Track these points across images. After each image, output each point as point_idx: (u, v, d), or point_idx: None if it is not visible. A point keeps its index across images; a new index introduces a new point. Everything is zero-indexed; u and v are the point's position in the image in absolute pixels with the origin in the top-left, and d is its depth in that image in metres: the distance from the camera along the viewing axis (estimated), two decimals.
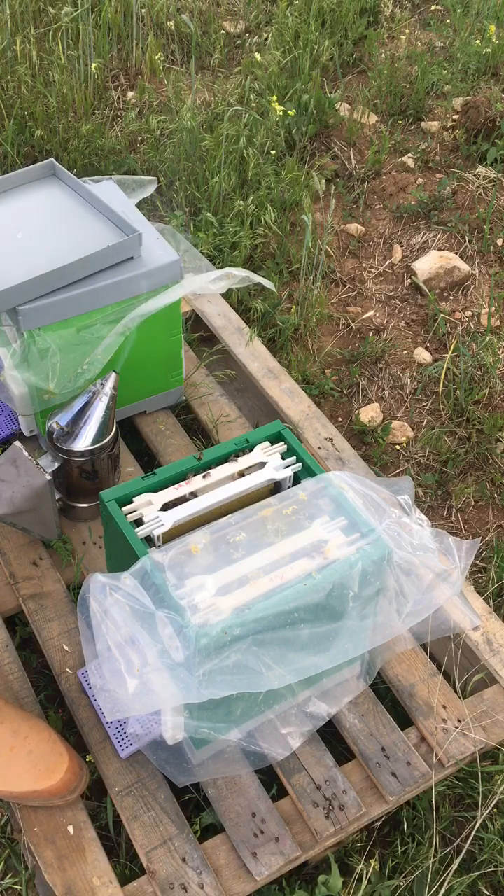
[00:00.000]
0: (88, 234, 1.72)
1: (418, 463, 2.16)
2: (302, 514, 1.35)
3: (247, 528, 1.32)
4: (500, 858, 1.47)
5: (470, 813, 1.52)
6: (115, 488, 1.39)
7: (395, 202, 2.91)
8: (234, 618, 1.19)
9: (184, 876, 1.32)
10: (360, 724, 1.49)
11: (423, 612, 1.34)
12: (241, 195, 2.73)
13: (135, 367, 1.82)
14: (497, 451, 2.17)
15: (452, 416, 2.26)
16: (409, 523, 1.36)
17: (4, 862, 1.44)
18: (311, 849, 1.37)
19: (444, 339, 2.47)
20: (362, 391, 2.33)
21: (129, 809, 1.38)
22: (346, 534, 1.31)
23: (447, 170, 3.01)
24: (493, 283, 2.64)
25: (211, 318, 2.21)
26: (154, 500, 1.37)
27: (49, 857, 1.33)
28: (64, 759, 1.38)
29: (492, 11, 3.68)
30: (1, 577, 1.67)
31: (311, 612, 1.26)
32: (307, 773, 1.43)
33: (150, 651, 1.24)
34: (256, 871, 1.33)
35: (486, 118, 3.05)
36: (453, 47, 3.53)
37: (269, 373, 2.08)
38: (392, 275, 2.69)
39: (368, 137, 3.13)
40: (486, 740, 1.49)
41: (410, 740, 1.48)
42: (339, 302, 2.59)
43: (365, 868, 1.41)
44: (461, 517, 2.05)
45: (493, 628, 1.63)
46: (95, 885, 1.31)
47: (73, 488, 1.70)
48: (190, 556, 1.28)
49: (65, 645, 1.57)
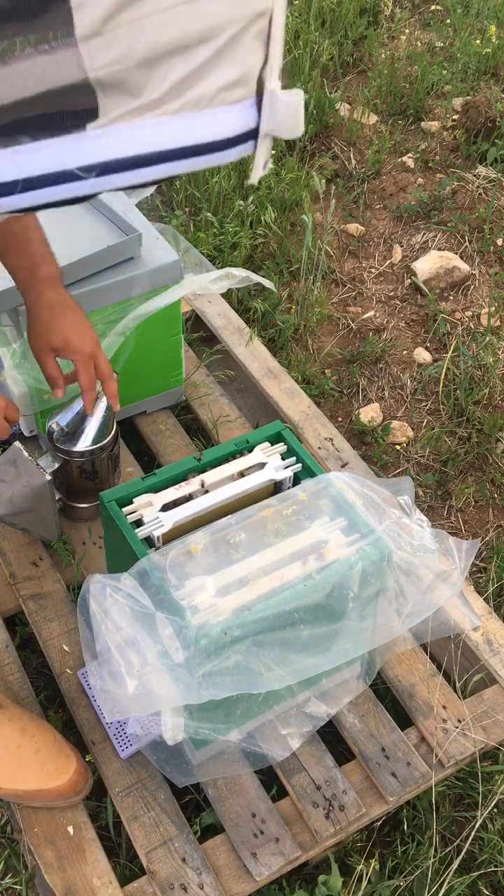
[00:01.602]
0: (88, 234, 1.72)
1: (418, 463, 2.16)
2: (302, 515, 1.35)
3: (247, 528, 1.32)
4: (500, 858, 1.47)
5: (470, 813, 1.52)
6: (115, 489, 1.39)
7: (395, 202, 2.91)
8: (233, 618, 1.19)
9: (184, 876, 1.32)
10: (360, 725, 1.49)
11: (423, 612, 1.34)
12: (240, 195, 2.72)
13: (135, 367, 1.81)
14: (497, 451, 2.17)
15: (452, 416, 2.26)
16: (408, 524, 1.36)
17: (4, 862, 1.44)
18: (311, 849, 1.37)
19: (444, 339, 2.47)
20: (362, 391, 2.33)
21: (129, 810, 1.38)
22: (346, 534, 1.31)
23: (447, 170, 3.01)
24: (493, 283, 2.63)
25: (211, 318, 2.21)
26: (154, 501, 1.37)
27: (49, 857, 1.33)
28: (72, 760, 1.38)
29: (492, 11, 3.68)
30: (1, 577, 1.67)
31: (311, 612, 1.26)
32: (307, 774, 1.43)
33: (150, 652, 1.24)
34: (256, 871, 1.33)
35: (486, 118, 3.05)
36: (453, 47, 3.53)
37: (269, 373, 2.08)
38: (392, 275, 2.69)
39: (368, 137, 3.13)
40: (486, 740, 1.49)
41: (410, 740, 1.48)
42: (339, 302, 2.59)
43: (365, 868, 1.41)
44: (461, 517, 2.05)
45: (493, 628, 1.63)
46: (95, 886, 1.31)
47: (73, 488, 1.70)
48: (190, 557, 1.28)
49: (65, 645, 1.57)
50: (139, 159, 0.59)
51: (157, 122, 0.57)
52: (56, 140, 0.57)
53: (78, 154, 0.57)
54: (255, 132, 0.61)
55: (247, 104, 0.60)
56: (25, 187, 0.59)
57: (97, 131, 0.57)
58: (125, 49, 0.54)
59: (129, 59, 0.54)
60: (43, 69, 0.54)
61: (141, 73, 0.55)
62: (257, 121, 0.60)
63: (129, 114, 0.57)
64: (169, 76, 0.56)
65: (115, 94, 0.56)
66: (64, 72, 0.54)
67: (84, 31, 0.52)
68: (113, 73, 0.55)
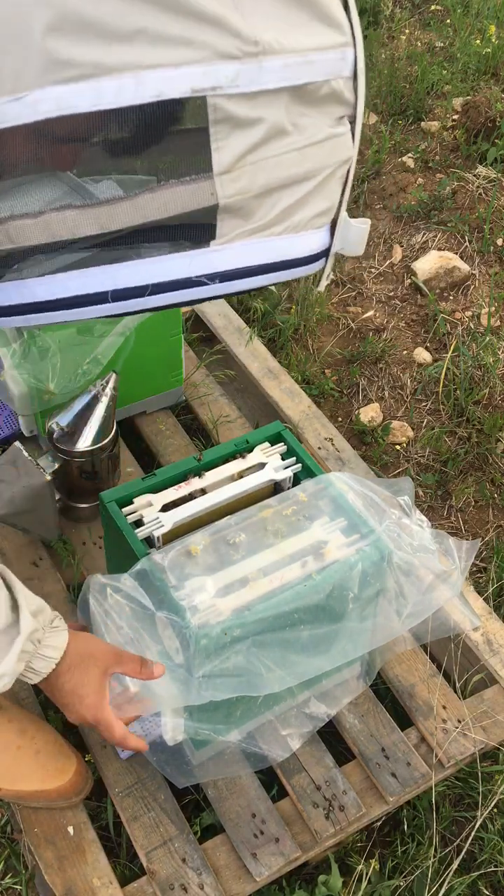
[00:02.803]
0: None
1: (418, 463, 2.16)
2: (302, 515, 1.35)
3: (246, 529, 1.32)
4: (500, 858, 1.47)
5: (470, 813, 1.52)
6: (115, 489, 1.39)
7: (395, 202, 2.91)
8: (233, 619, 1.19)
9: (184, 876, 1.32)
10: (360, 725, 1.49)
11: (423, 612, 1.34)
12: None
13: (135, 367, 1.81)
14: (497, 451, 2.17)
15: (452, 416, 2.26)
16: (409, 524, 1.36)
17: (4, 862, 1.44)
18: (311, 849, 1.37)
19: (444, 339, 2.47)
20: (362, 391, 2.33)
21: (129, 810, 1.38)
22: (346, 535, 1.31)
23: (447, 170, 3.01)
24: (493, 283, 2.63)
25: (211, 318, 2.21)
26: (154, 501, 1.37)
27: (49, 857, 1.33)
28: (72, 760, 1.38)
29: (492, 11, 3.68)
30: None
31: (311, 613, 1.26)
32: (307, 774, 1.43)
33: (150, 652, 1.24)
34: (256, 871, 1.33)
35: (486, 118, 3.05)
36: (453, 47, 3.53)
37: (269, 373, 2.08)
38: (392, 275, 2.69)
39: (368, 137, 3.13)
40: (486, 740, 1.49)
41: (410, 741, 1.48)
42: (339, 302, 2.59)
43: (365, 868, 1.41)
44: (461, 517, 2.05)
45: (493, 628, 1.63)
46: (95, 886, 1.31)
47: (73, 488, 1.70)
48: (190, 557, 1.28)
49: None
50: (250, 270, 0.74)
51: (265, 241, 0.73)
52: (181, 254, 0.72)
53: (202, 265, 0.73)
54: (327, 251, 0.78)
55: (325, 229, 0.77)
56: (154, 291, 0.73)
57: (218, 247, 0.72)
58: (248, 183, 0.69)
59: (250, 191, 0.70)
60: (183, 196, 0.69)
61: (256, 202, 0.71)
62: (329, 242, 0.78)
63: (243, 234, 0.72)
64: (278, 205, 0.72)
65: (230, 219, 0.71)
66: (201, 198, 0.69)
67: (219, 169, 0.68)
68: (237, 201, 0.70)
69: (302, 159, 0.71)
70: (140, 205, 0.69)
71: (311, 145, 0.71)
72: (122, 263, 0.72)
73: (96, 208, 0.69)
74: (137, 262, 0.72)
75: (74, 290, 0.73)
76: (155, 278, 0.72)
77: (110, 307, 0.74)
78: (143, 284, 0.73)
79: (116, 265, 0.72)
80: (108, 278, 0.72)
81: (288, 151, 0.70)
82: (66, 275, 0.72)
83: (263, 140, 0.68)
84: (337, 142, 0.73)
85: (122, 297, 0.73)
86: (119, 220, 0.69)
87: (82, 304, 0.74)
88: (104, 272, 0.72)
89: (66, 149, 0.68)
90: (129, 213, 0.69)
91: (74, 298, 0.73)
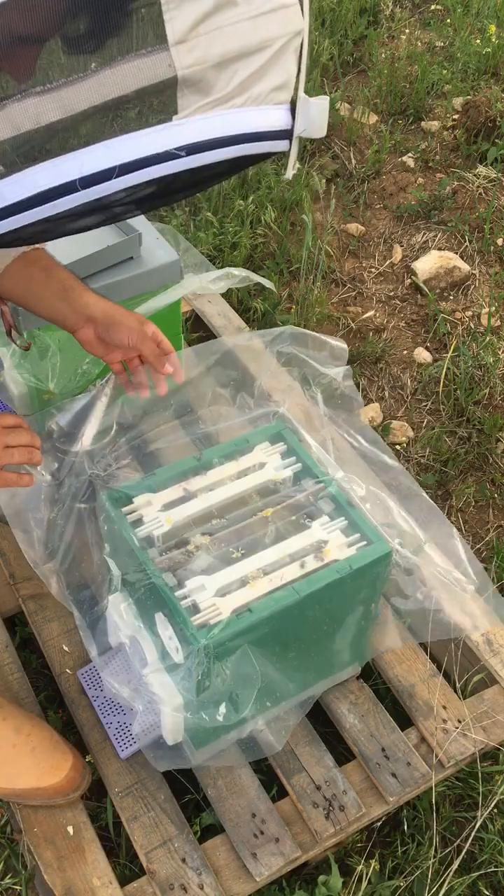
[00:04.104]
0: (88, 234, 1.71)
1: (418, 463, 2.16)
2: (302, 515, 1.35)
3: (246, 528, 1.32)
4: (500, 859, 1.47)
5: (470, 813, 1.52)
6: (115, 489, 1.38)
7: (395, 202, 2.91)
8: (233, 619, 1.19)
9: (184, 876, 1.32)
10: (361, 725, 1.49)
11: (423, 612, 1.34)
12: (240, 195, 2.72)
13: None
14: (497, 451, 2.17)
15: (452, 416, 2.26)
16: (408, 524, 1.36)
17: (4, 862, 1.44)
18: (311, 849, 1.37)
19: (444, 339, 2.47)
20: (362, 391, 2.33)
21: (129, 810, 1.38)
22: (346, 534, 1.31)
23: (447, 170, 3.01)
24: (493, 283, 2.63)
25: (211, 318, 2.21)
26: (154, 501, 1.37)
27: (49, 857, 1.33)
28: (68, 757, 1.38)
29: (492, 11, 3.68)
30: (1, 578, 1.67)
31: (311, 612, 1.26)
32: (307, 774, 1.43)
33: (151, 652, 1.24)
34: (256, 871, 1.33)
35: (486, 118, 3.05)
36: (453, 47, 3.53)
37: None
38: (392, 275, 2.69)
39: (368, 137, 3.13)
40: (486, 741, 1.49)
41: (410, 741, 1.48)
42: (339, 302, 2.59)
43: (365, 868, 1.41)
44: (461, 517, 2.05)
45: (494, 628, 1.63)
46: (95, 886, 1.30)
47: None
48: (189, 557, 1.28)
49: (64, 645, 1.57)
50: (216, 141, 0.75)
51: (227, 112, 0.75)
52: (145, 131, 0.73)
53: (168, 139, 0.74)
54: (290, 133, 0.79)
55: (285, 108, 0.78)
56: (122, 172, 0.74)
57: (181, 121, 0.74)
58: (203, 53, 0.71)
59: (207, 61, 0.71)
60: (141, 68, 0.71)
61: (214, 73, 0.72)
62: (292, 123, 0.79)
63: (205, 107, 0.74)
64: (235, 77, 0.73)
65: (191, 93, 0.73)
66: (159, 70, 0.71)
67: (174, 39, 0.70)
68: (195, 72, 0.71)
69: (254, 28, 0.73)
70: (101, 81, 0.71)
71: (261, 15, 0.73)
72: (87, 148, 0.73)
73: (58, 91, 0.71)
74: (104, 143, 0.73)
75: (44, 183, 0.74)
76: (121, 159, 0.74)
77: (82, 195, 0.75)
78: (111, 167, 0.74)
79: (81, 151, 0.73)
80: (73, 167, 0.73)
81: (240, 21, 0.72)
82: (33, 169, 0.73)
83: (214, 9, 0.70)
84: (287, 12, 0.74)
85: (92, 183, 0.74)
86: (82, 100, 0.71)
87: (53, 196, 0.74)
88: (70, 161, 0.73)
89: (25, 50, 0.70)
90: (91, 91, 0.71)
91: (46, 193, 0.74)
